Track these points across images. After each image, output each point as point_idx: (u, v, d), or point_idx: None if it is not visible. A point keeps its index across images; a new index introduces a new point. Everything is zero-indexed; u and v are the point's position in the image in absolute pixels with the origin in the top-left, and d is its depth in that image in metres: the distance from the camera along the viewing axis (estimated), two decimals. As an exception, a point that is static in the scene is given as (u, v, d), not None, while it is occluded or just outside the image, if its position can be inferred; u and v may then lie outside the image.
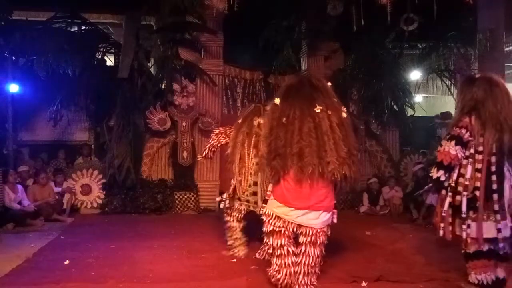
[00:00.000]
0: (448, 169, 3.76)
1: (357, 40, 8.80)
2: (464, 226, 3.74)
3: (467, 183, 3.75)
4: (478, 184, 3.73)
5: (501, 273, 3.84)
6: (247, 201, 4.95)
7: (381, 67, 8.94)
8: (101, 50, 9.42)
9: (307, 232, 3.78)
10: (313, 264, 3.81)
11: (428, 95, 12.76)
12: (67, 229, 7.01)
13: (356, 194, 8.89)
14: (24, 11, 9.01)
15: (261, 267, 4.41)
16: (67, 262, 4.77)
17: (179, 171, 8.78)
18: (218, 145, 5.48)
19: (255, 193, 4.79)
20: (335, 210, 3.96)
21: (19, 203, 7.33)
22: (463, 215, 3.73)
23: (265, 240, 4.00)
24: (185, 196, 8.60)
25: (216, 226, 6.23)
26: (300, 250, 3.82)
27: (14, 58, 9.10)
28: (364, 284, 4.04)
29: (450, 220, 3.84)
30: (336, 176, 3.66)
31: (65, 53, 8.22)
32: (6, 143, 8.93)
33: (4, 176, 7.36)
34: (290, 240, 3.84)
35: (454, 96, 10.73)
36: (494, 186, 3.71)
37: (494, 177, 3.72)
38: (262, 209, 4.08)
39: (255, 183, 4.80)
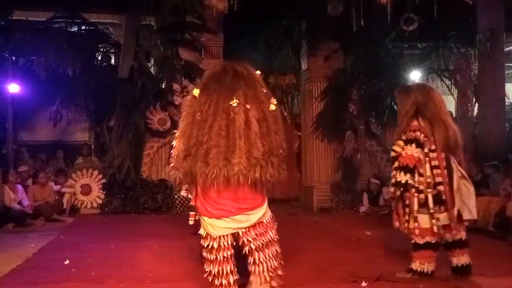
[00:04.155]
0: (413, 171, 4.01)
1: (357, 40, 8.80)
2: (433, 221, 4.02)
3: (429, 180, 4.02)
4: (439, 179, 4.02)
5: (466, 259, 4.14)
6: None
7: (381, 67, 8.94)
8: (101, 50, 9.43)
9: (247, 238, 3.35)
10: (270, 269, 3.37)
11: (428, 95, 12.75)
12: (67, 229, 7.01)
13: (356, 194, 8.90)
14: (24, 11, 9.03)
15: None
16: (67, 262, 4.76)
17: (179, 171, 8.77)
18: None
19: None
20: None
21: (19, 203, 7.33)
22: (431, 211, 4.00)
23: (204, 266, 3.46)
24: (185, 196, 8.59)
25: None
26: (249, 261, 3.38)
27: (14, 58, 9.10)
28: (364, 284, 4.03)
29: (406, 217, 4.12)
30: (241, 180, 3.17)
31: (65, 53, 8.22)
32: (6, 143, 8.94)
33: (4, 176, 7.37)
34: (233, 267, 3.37)
35: (454, 96, 10.77)
36: (442, 179, 4.05)
37: (445, 172, 4.06)
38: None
39: None
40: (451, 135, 4.07)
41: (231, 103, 3.25)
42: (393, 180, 4.10)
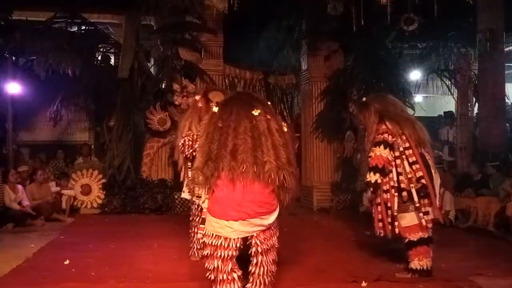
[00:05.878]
0: (383, 171, 4.12)
1: (357, 40, 8.80)
2: (421, 214, 4.11)
3: (410, 176, 4.13)
4: (420, 173, 4.13)
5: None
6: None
7: (381, 67, 8.94)
8: (101, 50, 9.43)
9: (256, 241, 3.42)
10: (269, 273, 3.49)
11: (428, 95, 12.78)
12: (67, 229, 7.01)
13: (356, 194, 8.90)
14: (24, 11, 9.02)
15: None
16: (67, 262, 4.76)
17: (179, 171, 8.78)
18: None
19: None
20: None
21: (19, 203, 7.33)
22: (417, 205, 4.10)
23: (205, 265, 3.45)
24: (185, 196, 8.59)
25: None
26: (252, 262, 3.45)
27: (14, 58, 9.11)
28: (364, 284, 4.03)
29: (389, 220, 4.19)
30: (273, 178, 3.26)
31: (65, 53, 8.22)
32: (6, 143, 8.94)
33: (4, 176, 7.37)
34: (235, 263, 3.40)
35: (454, 96, 10.77)
36: (423, 173, 4.17)
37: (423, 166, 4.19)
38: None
39: None
40: (418, 127, 4.26)
41: (253, 112, 3.40)
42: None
